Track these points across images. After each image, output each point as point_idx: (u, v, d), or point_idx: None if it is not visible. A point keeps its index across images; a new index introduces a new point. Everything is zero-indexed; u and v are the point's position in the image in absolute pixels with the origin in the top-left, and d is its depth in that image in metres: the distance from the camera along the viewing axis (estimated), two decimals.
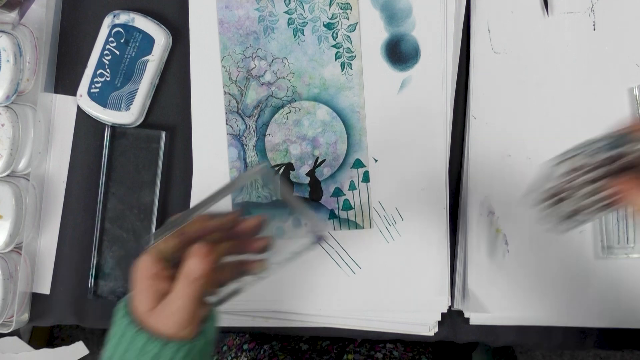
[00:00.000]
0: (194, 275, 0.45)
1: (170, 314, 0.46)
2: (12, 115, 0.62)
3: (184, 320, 0.46)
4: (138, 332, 0.46)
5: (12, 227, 0.62)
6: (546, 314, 0.62)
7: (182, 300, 0.46)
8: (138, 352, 0.46)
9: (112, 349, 0.47)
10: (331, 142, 0.63)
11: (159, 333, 0.46)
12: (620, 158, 0.43)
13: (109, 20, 0.62)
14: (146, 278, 0.47)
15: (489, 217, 0.62)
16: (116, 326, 0.48)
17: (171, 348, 0.46)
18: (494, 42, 0.63)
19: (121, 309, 0.48)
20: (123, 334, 0.47)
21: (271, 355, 0.71)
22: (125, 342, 0.46)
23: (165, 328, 0.46)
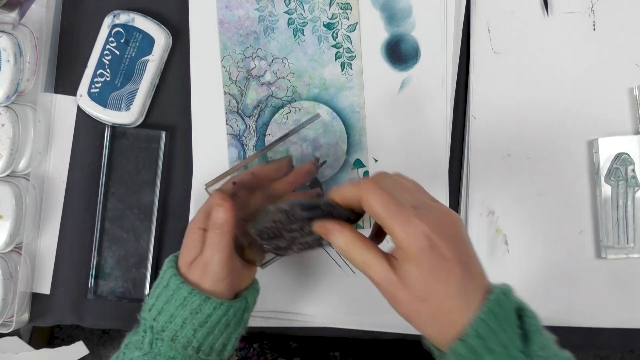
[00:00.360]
0: (217, 223, 0.49)
1: (203, 265, 0.49)
2: (12, 115, 0.62)
3: (217, 272, 0.49)
4: (181, 284, 0.49)
5: (12, 227, 0.62)
6: (546, 314, 0.62)
7: (211, 250, 0.49)
8: (180, 302, 0.48)
9: (154, 298, 0.50)
10: (331, 142, 0.63)
11: (200, 287, 0.49)
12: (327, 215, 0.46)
13: (109, 20, 0.62)
14: (194, 231, 0.50)
15: (489, 217, 0.62)
16: (162, 277, 0.51)
17: (211, 304, 0.48)
18: (494, 42, 0.63)
19: (168, 262, 0.51)
20: (167, 284, 0.49)
21: (259, 354, 0.71)
22: (169, 293, 0.49)
23: (202, 281, 0.49)
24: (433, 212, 0.42)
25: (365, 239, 0.44)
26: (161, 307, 0.49)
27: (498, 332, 0.40)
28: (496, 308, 0.40)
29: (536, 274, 0.62)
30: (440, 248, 0.41)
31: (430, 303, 0.41)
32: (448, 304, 0.41)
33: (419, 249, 0.40)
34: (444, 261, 0.41)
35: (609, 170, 0.61)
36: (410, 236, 0.41)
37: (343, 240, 0.44)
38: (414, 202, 0.43)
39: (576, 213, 0.62)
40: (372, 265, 0.43)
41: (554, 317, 0.62)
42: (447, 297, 0.41)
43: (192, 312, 0.48)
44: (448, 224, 0.42)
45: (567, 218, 0.62)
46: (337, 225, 0.44)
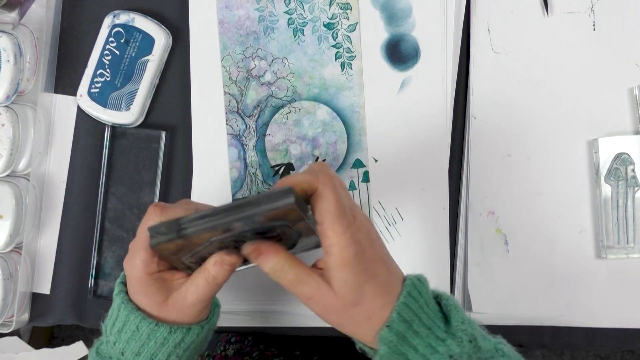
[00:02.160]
0: (218, 281, 0.46)
1: (186, 307, 0.47)
2: (12, 115, 0.62)
3: (202, 310, 0.47)
4: (157, 326, 0.46)
5: (12, 227, 0.62)
6: (546, 314, 0.62)
7: (201, 298, 0.46)
8: (160, 343, 0.46)
9: (124, 342, 0.47)
10: (331, 142, 0.63)
11: (178, 322, 0.47)
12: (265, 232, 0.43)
13: (109, 20, 0.62)
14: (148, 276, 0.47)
15: (489, 217, 0.62)
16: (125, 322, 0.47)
17: (193, 332, 0.47)
18: (494, 42, 0.63)
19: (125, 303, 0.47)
20: (137, 328, 0.47)
21: (253, 345, 0.72)
22: (143, 336, 0.46)
23: (183, 317, 0.47)
24: (360, 218, 0.44)
25: (295, 258, 0.44)
26: (137, 349, 0.47)
27: (420, 315, 0.43)
28: (414, 291, 0.43)
29: (536, 274, 0.62)
30: (368, 252, 0.43)
31: (363, 305, 0.43)
32: (378, 301, 0.43)
33: (355, 254, 0.42)
34: (373, 263, 0.43)
35: (609, 170, 0.61)
36: (348, 242, 0.42)
37: (277, 261, 0.43)
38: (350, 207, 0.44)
39: (576, 213, 0.62)
40: (306, 280, 0.43)
41: (554, 317, 0.62)
42: (376, 296, 0.43)
43: (175, 346, 0.47)
44: (370, 228, 0.45)
45: (567, 218, 0.62)
46: (272, 247, 0.43)
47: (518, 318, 0.63)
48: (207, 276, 0.45)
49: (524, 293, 0.62)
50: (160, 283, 0.47)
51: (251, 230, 0.43)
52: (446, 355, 0.42)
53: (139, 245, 0.47)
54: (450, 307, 0.44)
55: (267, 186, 0.63)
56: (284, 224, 0.43)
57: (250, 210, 0.41)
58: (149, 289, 0.47)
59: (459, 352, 0.42)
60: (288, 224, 0.43)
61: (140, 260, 0.46)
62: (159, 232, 0.43)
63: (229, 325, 0.65)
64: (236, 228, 0.42)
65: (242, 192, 0.63)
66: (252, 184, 0.63)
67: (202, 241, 0.43)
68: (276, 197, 0.41)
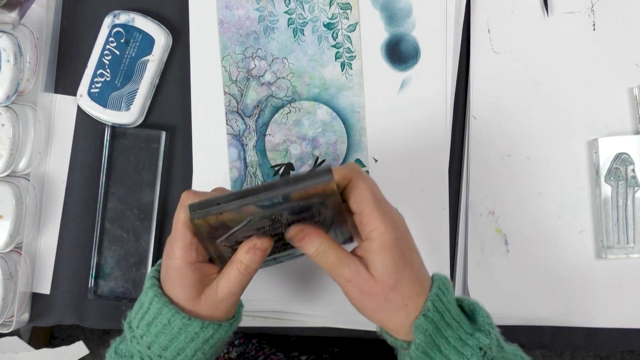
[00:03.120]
0: (251, 268, 0.46)
1: (218, 301, 0.47)
2: (12, 115, 0.62)
3: (232, 305, 0.48)
4: (189, 321, 0.46)
5: (12, 227, 0.62)
6: (546, 314, 0.62)
7: (233, 289, 0.47)
8: (190, 338, 0.46)
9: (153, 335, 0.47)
10: (331, 142, 0.63)
11: (210, 317, 0.47)
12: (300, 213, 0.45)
13: (109, 20, 0.62)
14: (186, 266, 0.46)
15: (489, 217, 0.62)
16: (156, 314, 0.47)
17: (223, 329, 0.48)
18: (494, 42, 0.63)
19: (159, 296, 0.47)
20: (169, 322, 0.46)
21: (258, 349, 0.72)
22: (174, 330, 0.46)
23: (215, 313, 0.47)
24: (394, 208, 0.47)
25: (336, 241, 0.46)
26: (166, 344, 0.46)
27: (450, 309, 0.45)
28: (442, 286, 0.46)
29: (536, 273, 0.62)
30: (405, 240, 0.46)
31: (400, 291, 0.44)
32: (414, 289, 0.45)
33: (395, 239, 0.44)
34: (410, 251, 0.46)
35: (609, 170, 0.61)
36: (388, 228, 0.44)
37: (320, 243, 0.45)
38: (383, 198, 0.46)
39: (576, 213, 0.62)
40: (347, 263, 0.45)
41: (554, 317, 0.62)
42: (412, 284, 0.45)
43: (204, 342, 0.47)
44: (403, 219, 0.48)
45: (567, 218, 0.62)
46: (315, 230, 0.46)
47: (518, 318, 0.63)
48: (240, 265, 0.46)
49: (524, 293, 0.62)
50: (198, 275, 0.47)
51: (289, 209, 0.43)
52: (476, 347, 0.44)
53: (176, 234, 0.47)
54: (473, 305, 0.47)
55: None
56: (320, 202, 0.44)
57: (290, 187, 0.42)
58: (187, 281, 0.46)
59: (488, 343, 0.44)
60: (324, 203, 0.44)
61: (179, 249, 0.46)
62: (198, 207, 0.43)
63: None
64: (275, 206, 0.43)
65: None
66: (252, 184, 0.63)
67: (241, 220, 0.43)
68: (315, 175, 0.42)
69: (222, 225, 0.44)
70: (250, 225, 0.44)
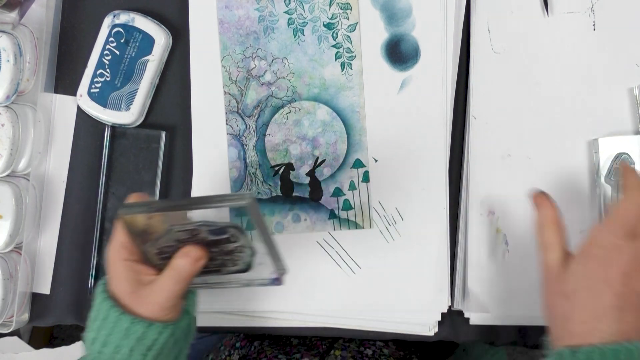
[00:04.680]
0: (184, 276, 0.48)
1: (153, 302, 0.48)
2: (12, 115, 0.62)
3: (166, 308, 0.48)
4: (122, 315, 0.47)
5: (12, 227, 0.62)
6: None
7: (167, 294, 0.48)
8: (123, 333, 0.47)
9: (95, 331, 0.48)
10: (331, 142, 0.63)
11: (142, 315, 0.48)
12: None
13: (109, 20, 0.63)
14: (121, 263, 0.48)
15: (489, 217, 0.62)
16: (98, 309, 0.49)
17: (156, 329, 0.48)
18: (494, 42, 0.63)
19: (101, 292, 0.49)
20: (106, 316, 0.48)
21: (260, 351, 0.72)
22: (109, 324, 0.47)
23: (148, 312, 0.48)
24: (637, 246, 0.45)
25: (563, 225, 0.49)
26: (104, 339, 0.48)
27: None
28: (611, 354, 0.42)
29: (536, 274, 0.62)
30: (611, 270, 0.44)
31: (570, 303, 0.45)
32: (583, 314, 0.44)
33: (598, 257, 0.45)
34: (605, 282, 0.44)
35: (609, 170, 0.61)
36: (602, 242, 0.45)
37: (551, 215, 0.49)
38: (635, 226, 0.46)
39: (576, 213, 0.62)
40: (554, 250, 0.48)
41: None
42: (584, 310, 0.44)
43: (137, 340, 0.47)
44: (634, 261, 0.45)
45: (567, 218, 0.62)
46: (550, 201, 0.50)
47: (518, 318, 0.63)
48: (171, 271, 0.47)
49: (524, 293, 0.62)
50: (131, 273, 0.48)
51: (206, 227, 0.46)
52: None
53: (114, 232, 0.49)
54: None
55: (267, 186, 0.63)
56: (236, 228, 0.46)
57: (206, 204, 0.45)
58: (122, 276, 0.48)
59: None
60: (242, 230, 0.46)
61: (113, 245, 0.49)
62: (129, 206, 0.46)
63: (229, 326, 0.65)
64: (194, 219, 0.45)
65: None
66: (252, 184, 0.63)
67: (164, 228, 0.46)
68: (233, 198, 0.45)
69: (150, 229, 0.46)
70: (170, 235, 0.47)
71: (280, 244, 0.62)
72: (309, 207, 0.63)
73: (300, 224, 0.63)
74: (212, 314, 0.64)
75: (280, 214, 0.63)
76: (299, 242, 0.63)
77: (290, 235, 0.63)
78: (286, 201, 0.63)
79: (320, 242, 0.63)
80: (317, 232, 0.63)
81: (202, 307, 0.64)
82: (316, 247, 0.63)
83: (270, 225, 0.63)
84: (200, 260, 0.48)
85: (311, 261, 0.63)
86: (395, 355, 0.72)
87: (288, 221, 0.63)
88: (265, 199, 0.63)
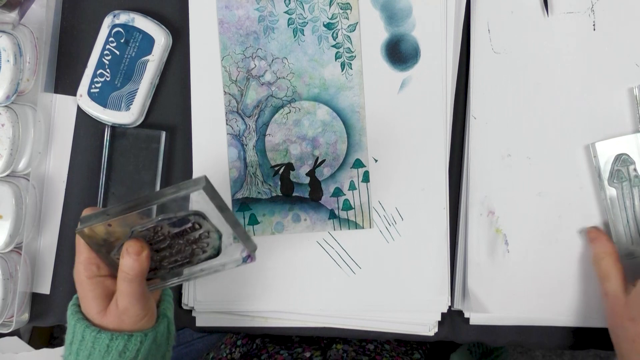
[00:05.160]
0: (134, 273, 0.46)
1: (120, 313, 0.47)
2: (12, 115, 0.62)
3: (136, 315, 0.47)
4: (99, 334, 0.47)
5: (12, 227, 0.62)
6: (546, 314, 0.62)
7: (127, 299, 0.47)
8: (104, 351, 0.47)
9: (74, 354, 0.48)
10: (331, 142, 0.63)
11: (119, 329, 0.47)
12: None
13: (109, 20, 0.62)
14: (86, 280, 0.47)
15: (489, 217, 0.62)
16: (73, 331, 0.48)
17: (136, 339, 0.47)
18: (494, 42, 0.63)
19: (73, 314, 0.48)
20: (83, 337, 0.47)
21: (261, 348, 0.72)
22: (88, 345, 0.47)
23: (123, 325, 0.47)
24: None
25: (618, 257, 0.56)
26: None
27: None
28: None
29: (536, 273, 0.62)
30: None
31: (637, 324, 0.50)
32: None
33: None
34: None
35: (611, 173, 0.61)
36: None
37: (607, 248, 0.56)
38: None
39: (576, 213, 0.62)
40: (613, 279, 0.55)
41: (554, 317, 0.62)
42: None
43: (120, 355, 0.47)
44: None
45: (567, 218, 0.62)
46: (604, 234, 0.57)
47: (518, 318, 0.63)
48: (121, 273, 0.46)
49: (524, 293, 0.62)
50: (100, 289, 0.48)
51: (167, 220, 0.46)
52: None
53: (77, 249, 0.48)
54: None
55: (267, 186, 0.63)
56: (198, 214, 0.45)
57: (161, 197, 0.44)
58: (91, 294, 0.47)
59: None
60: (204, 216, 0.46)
61: (80, 264, 0.47)
62: (87, 219, 0.46)
63: (229, 326, 0.65)
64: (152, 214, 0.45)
65: (242, 193, 0.63)
66: (252, 184, 0.63)
67: (126, 232, 0.46)
68: (187, 185, 0.44)
69: (112, 237, 0.46)
70: (134, 237, 0.46)
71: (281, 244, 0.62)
72: (309, 207, 0.63)
73: (300, 224, 0.63)
74: (212, 314, 0.64)
75: (280, 214, 0.63)
76: (299, 242, 0.63)
77: (290, 235, 0.63)
78: (286, 201, 0.63)
79: (320, 242, 0.63)
80: (317, 232, 0.63)
81: (202, 307, 0.64)
82: (316, 247, 0.63)
83: (271, 225, 0.63)
84: (143, 252, 0.46)
85: (311, 261, 0.63)
86: (396, 350, 0.72)
87: (288, 221, 0.63)
88: (265, 199, 0.63)
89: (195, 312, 0.64)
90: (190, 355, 0.81)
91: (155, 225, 0.46)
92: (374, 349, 0.71)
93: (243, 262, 0.50)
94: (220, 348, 0.77)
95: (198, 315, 0.65)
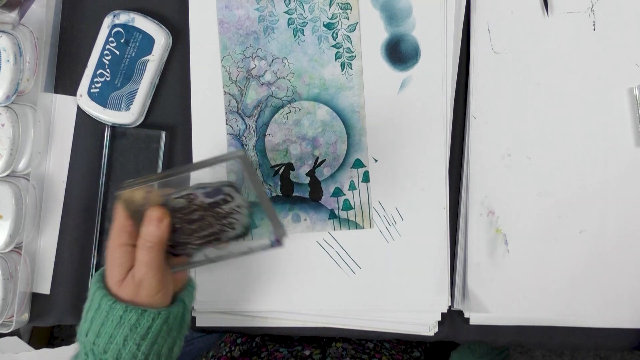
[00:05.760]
0: (150, 242, 0.47)
1: (137, 283, 0.47)
2: (12, 115, 0.62)
3: (151, 287, 0.48)
4: (114, 304, 0.47)
5: (12, 227, 0.62)
6: (546, 314, 0.62)
7: (144, 269, 0.47)
8: (116, 322, 0.47)
9: (88, 321, 0.48)
10: (331, 142, 0.63)
11: (134, 303, 0.47)
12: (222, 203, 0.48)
13: (109, 20, 0.62)
14: (116, 249, 0.48)
15: (488, 217, 0.62)
16: (91, 299, 0.49)
17: (149, 316, 0.47)
18: (494, 42, 0.63)
19: (96, 282, 0.49)
20: (99, 306, 0.48)
21: (261, 346, 0.72)
22: (103, 314, 0.47)
23: (137, 297, 0.48)
24: None
25: None
26: (98, 330, 0.47)
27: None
28: None
29: (536, 274, 0.62)
30: None
31: None
32: None
33: None
34: None
35: None
36: None
37: None
38: None
39: (577, 213, 0.62)
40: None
41: (554, 317, 0.62)
42: None
43: (131, 329, 0.47)
44: None
45: (567, 218, 0.62)
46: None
47: (518, 318, 0.63)
48: (140, 241, 0.47)
49: (524, 293, 0.62)
50: (126, 258, 0.48)
51: (201, 188, 0.46)
52: None
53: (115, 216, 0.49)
54: None
55: (267, 186, 0.63)
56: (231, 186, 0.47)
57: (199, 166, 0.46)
58: (116, 262, 0.48)
59: None
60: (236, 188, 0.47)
61: (114, 230, 0.48)
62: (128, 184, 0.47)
63: (229, 326, 0.65)
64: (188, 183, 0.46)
65: None
66: None
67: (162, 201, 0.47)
68: (226, 156, 0.46)
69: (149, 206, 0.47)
70: (168, 206, 0.47)
71: None
72: (309, 207, 0.63)
73: (300, 224, 0.63)
74: (212, 314, 0.64)
75: (280, 214, 0.63)
76: (299, 242, 0.63)
77: (290, 235, 0.63)
78: (286, 201, 0.63)
79: (320, 242, 0.63)
80: (317, 232, 0.63)
81: (202, 307, 0.64)
82: (316, 247, 0.63)
83: None
84: (164, 220, 0.47)
85: (311, 261, 0.63)
86: (396, 348, 0.72)
87: (288, 221, 0.63)
88: None
89: (195, 312, 0.64)
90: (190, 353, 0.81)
91: (190, 193, 0.47)
92: (374, 347, 0.71)
93: (271, 247, 0.50)
94: (220, 346, 0.77)
95: (198, 315, 0.65)
